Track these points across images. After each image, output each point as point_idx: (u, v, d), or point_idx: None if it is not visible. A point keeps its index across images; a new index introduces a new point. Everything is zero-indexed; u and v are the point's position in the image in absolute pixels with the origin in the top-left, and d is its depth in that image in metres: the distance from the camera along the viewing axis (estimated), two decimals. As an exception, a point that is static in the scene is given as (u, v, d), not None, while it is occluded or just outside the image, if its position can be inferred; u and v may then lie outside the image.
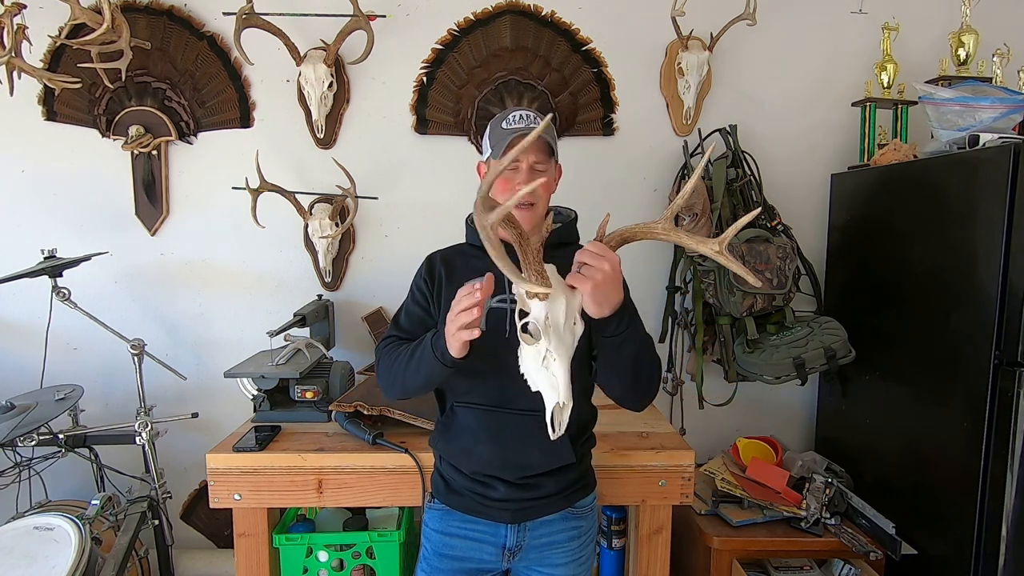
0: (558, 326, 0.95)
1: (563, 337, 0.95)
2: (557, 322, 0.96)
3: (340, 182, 2.09)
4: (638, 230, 1.00)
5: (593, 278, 0.96)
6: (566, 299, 0.97)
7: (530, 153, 1.17)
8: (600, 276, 0.96)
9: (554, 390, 0.96)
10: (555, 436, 0.96)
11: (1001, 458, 1.48)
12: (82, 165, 2.10)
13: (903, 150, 1.90)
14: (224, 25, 2.04)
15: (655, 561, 1.65)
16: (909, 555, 1.65)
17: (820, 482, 1.85)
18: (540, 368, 0.96)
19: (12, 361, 2.12)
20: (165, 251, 2.15)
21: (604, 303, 0.99)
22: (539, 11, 2.11)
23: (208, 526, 2.26)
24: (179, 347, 2.17)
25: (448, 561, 1.25)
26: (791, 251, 1.96)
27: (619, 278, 0.99)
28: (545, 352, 0.95)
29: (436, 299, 1.24)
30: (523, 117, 1.19)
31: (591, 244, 0.99)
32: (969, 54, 1.95)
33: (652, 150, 2.19)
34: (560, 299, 0.96)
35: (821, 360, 1.90)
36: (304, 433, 1.71)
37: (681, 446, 1.63)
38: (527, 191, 0.89)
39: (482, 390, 1.19)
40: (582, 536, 1.28)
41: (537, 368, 0.97)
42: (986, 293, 1.50)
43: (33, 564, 1.44)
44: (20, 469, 1.86)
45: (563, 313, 0.96)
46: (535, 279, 0.94)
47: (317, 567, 1.68)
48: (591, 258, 0.97)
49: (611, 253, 0.97)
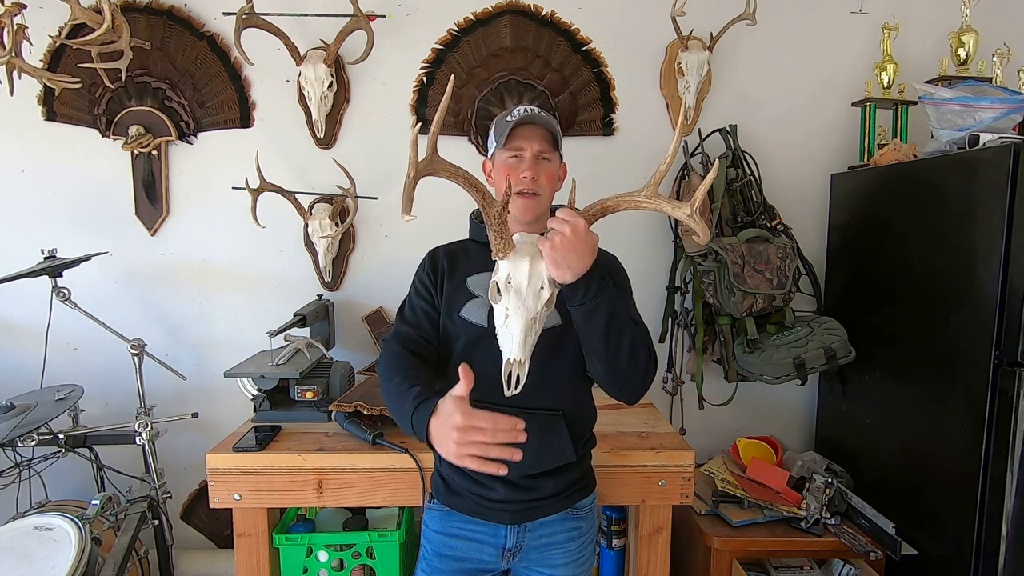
0: (519, 287, 0.99)
1: (524, 298, 0.99)
2: (519, 283, 1.00)
3: (340, 182, 2.09)
4: (621, 200, 1.02)
5: (551, 240, 0.98)
6: (530, 262, 1.00)
7: (534, 142, 1.18)
8: (558, 238, 0.97)
9: (508, 346, 0.99)
10: (509, 393, 0.98)
11: (1001, 458, 1.48)
12: (82, 165, 2.10)
13: (903, 150, 1.90)
14: (224, 25, 2.04)
15: (655, 561, 1.65)
16: (909, 555, 1.65)
17: (820, 482, 1.85)
18: (502, 325, 1.00)
19: (12, 361, 2.12)
20: (165, 251, 2.16)
21: (564, 266, 0.99)
22: (539, 11, 2.11)
23: (208, 526, 2.26)
24: (179, 347, 2.17)
25: (448, 561, 1.25)
26: (791, 251, 1.96)
27: (583, 243, 0.99)
28: (505, 310, 0.99)
29: (439, 292, 1.24)
30: (527, 109, 1.21)
31: (562, 210, 1.00)
32: (969, 54, 1.95)
33: (652, 150, 2.19)
34: (524, 261, 1.00)
35: (821, 360, 1.90)
36: (304, 433, 1.71)
37: (681, 446, 1.63)
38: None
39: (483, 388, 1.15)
40: (582, 536, 1.28)
41: (500, 324, 1.01)
42: (986, 293, 1.50)
43: (33, 564, 1.44)
44: (20, 469, 1.86)
45: (525, 275, 0.99)
46: (495, 239, 0.99)
47: (317, 567, 1.68)
48: (556, 222, 0.98)
49: (577, 218, 0.98)
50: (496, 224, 0.99)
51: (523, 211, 1.19)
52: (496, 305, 1.02)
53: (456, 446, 0.93)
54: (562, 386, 1.19)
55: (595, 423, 1.30)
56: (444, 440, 0.95)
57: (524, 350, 0.98)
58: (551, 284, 1.01)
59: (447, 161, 0.98)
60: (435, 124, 0.94)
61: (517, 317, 0.98)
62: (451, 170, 0.98)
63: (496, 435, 0.92)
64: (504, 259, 1.01)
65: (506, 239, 1.00)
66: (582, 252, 0.99)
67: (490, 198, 1.00)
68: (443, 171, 0.97)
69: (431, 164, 0.96)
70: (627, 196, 1.01)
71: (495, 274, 1.02)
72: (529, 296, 0.99)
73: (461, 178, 0.98)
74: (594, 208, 1.03)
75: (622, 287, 1.24)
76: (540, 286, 1.01)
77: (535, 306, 1.00)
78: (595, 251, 1.02)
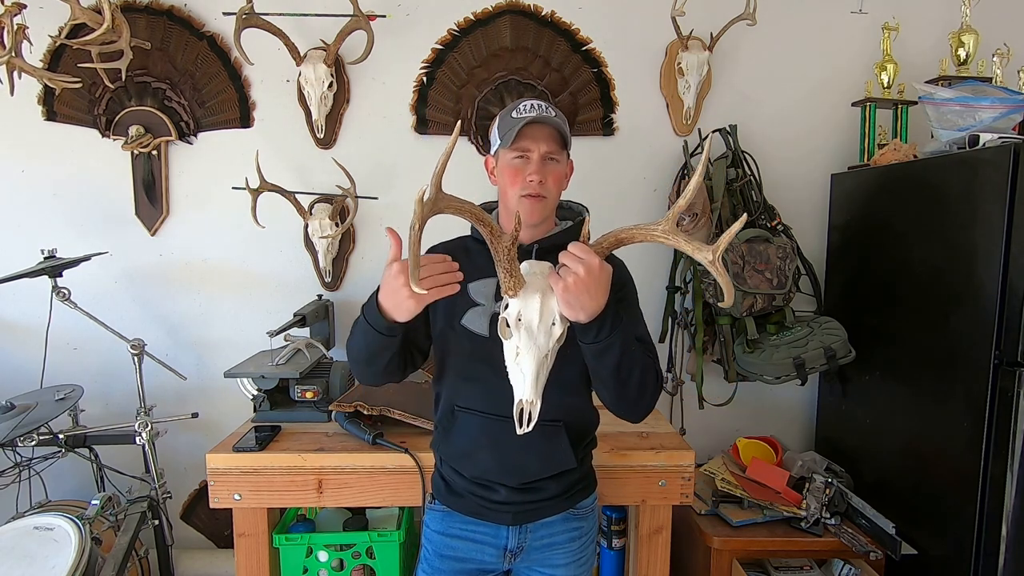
0: (531, 324, 0.95)
1: (535, 336, 0.95)
2: (530, 320, 0.95)
3: (340, 182, 2.09)
4: (636, 232, 0.96)
5: (565, 280, 0.93)
6: (542, 298, 0.95)
7: (542, 143, 1.13)
8: (572, 279, 0.93)
9: (520, 387, 0.95)
10: (521, 431, 0.95)
11: (1001, 458, 1.48)
12: (82, 165, 2.10)
13: (903, 150, 1.90)
14: (224, 25, 2.04)
15: (655, 561, 1.66)
16: (909, 555, 1.65)
17: (820, 482, 1.85)
18: (513, 363, 0.97)
19: (12, 361, 2.12)
20: (165, 251, 2.15)
21: (577, 308, 0.95)
22: (539, 11, 2.11)
23: (208, 526, 2.26)
24: (179, 347, 2.17)
25: (449, 562, 1.25)
26: (791, 251, 1.96)
27: (597, 284, 0.94)
28: (516, 348, 0.96)
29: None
30: (535, 107, 1.15)
31: (574, 245, 0.95)
32: (969, 54, 1.95)
33: (652, 150, 2.19)
34: (535, 298, 0.95)
35: (821, 360, 1.90)
36: (304, 433, 1.71)
37: (681, 446, 1.63)
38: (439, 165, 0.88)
39: (484, 397, 1.16)
40: (583, 537, 1.27)
41: (511, 362, 0.97)
42: (986, 293, 1.50)
43: (33, 564, 1.44)
44: (20, 469, 1.86)
45: (537, 312, 0.95)
46: (505, 277, 0.94)
47: (317, 567, 1.68)
48: (569, 259, 0.94)
49: (592, 256, 0.93)
50: (505, 260, 0.93)
51: (529, 214, 1.15)
52: (506, 341, 0.97)
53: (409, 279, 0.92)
54: (562, 397, 1.14)
55: (597, 427, 1.29)
56: (392, 292, 0.98)
57: (536, 390, 0.94)
58: (563, 320, 0.97)
59: (453, 196, 0.91)
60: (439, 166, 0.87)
61: (529, 356, 0.94)
62: (457, 206, 0.91)
63: (436, 267, 0.96)
64: (514, 297, 0.96)
65: (515, 276, 0.94)
66: (596, 293, 0.95)
67: (498, 232, 0.93)
68: (449, 208, 0.91)
69: (436, 204, 0.89)
70: (644, 228, 0.95)
71: (503, 310, 0.98)
72: (540, 334, 0.95)
73: (468, 212, 0.92)
74: (608, 240, 0.97)
75: (629, 300, 1.19)
76: (552, 322, 0.96)
77: (547, 344, 0.96)
78: (608, 289, 0.97)
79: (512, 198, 1.16)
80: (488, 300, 1.17)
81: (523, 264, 1.00)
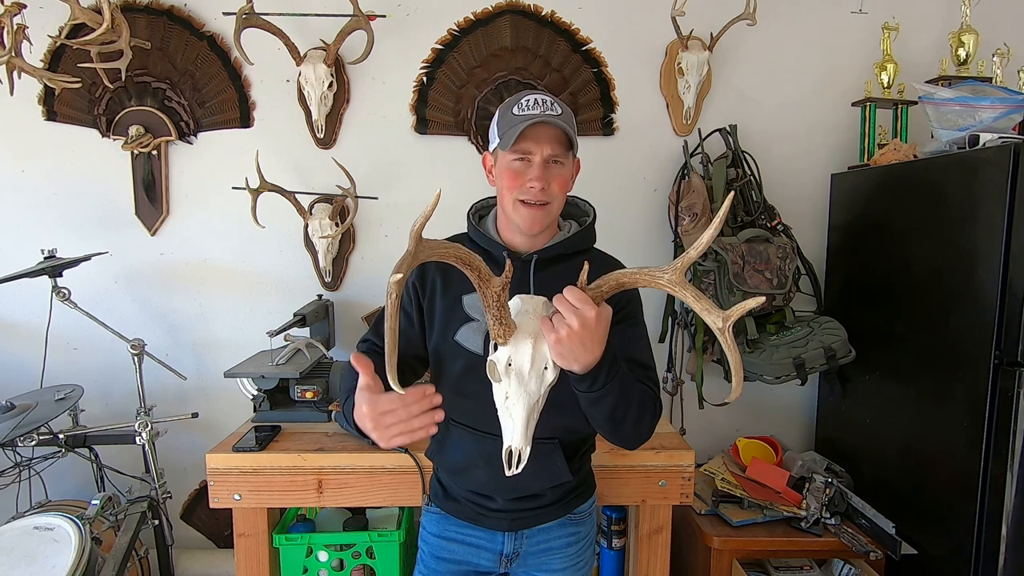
0: (521, 371, 0.88)
1: (526, 383, 0.88)
2: (521, 367, 0.88)
3: (340, 182, 2.08)
4: (640, 277, 0.87)
5: (558, 331, 0.85)
6: (534, 343, 0.88)
7: (545, 145, 1.04)
8: (565, 332, 0.85)
9: (509, 434, 0.90)
10: (510, 473, 0.89)
11: (1001, 458, 1.48)
12: (82, 165, 2.10)
13: (903, 150, 1.90)
14: (224, 25, 2.04)
15: (655, 561, 1.66)
16: (909, 555, 1.65)
17: (820, 482, 1.85)
18: (502, 406, 0.90)
19: (12, 361, 2.12)
20: (165, 251, 2.15)
21: (570, 360, 0.88)
22: (539, 11, 2.11)
23: (208, 526, 2.26)
24: (179, 347, 2.17)
25: (445, 564, 1.24)
26: (791, 251, 1.96)
27: (593, 336, 0.86)
28: (506, 393, 0.89)
29: (428, 308, 1.14)
30: (538, 103, 1.05)
31: (570, 291, 0.86)
32: (969, 54, 1.95)
33: (652, 150, 2.19)
34: (526, 343, 0.88)
35: (821, 360, 1.90)
36: (304, 433, 1.71)
37: (681, 446, 1.63)
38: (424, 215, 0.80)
39: (478, 414, 1.10)
40: (580, 541, 1.26)
41: (500, 405, 0.91)
42: (986, 293, 1.50)
43: (33, 564, 1.44)
44: (20, 469, 1.86)
45: (528, 359, 0.88)
46: (494, 324, 0.87)
47: (317, 567, 1.68)
48: (564, 307, 0.85)
49: (588, 305, 0.85)
50: (495, 307, 0.86)
51: (529, 224, 1.08)
52: (496, 384, 0.90)
53: (378, 434, 0.91)
54: (557, 417, 1.05)
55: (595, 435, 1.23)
56: (370, 432, 0.93)
57: (526, 437, 0.88)
58: (555, 365, 0.90)
59: (433, 242, 0.83)
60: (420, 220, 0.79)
61: (519, 403, 0.88)
62: (440, 252, 0.84)
63: (409, 411, 0.90)
64: (504, 344, 0.89)
65: (506, 324, 0.87)
66: (591, 345, 0.87)
67: (487, 276, 0.85)
68: (432, 255, 0.83)
69: (415, 258, 0.81)
70: (649, 274, 0.87)
71: (492, 351, 0.90)
72: (532, 380, 0.89)
73: (452, 257, 0.84)
74: (608, 284, 0.88)
75: (635, 317, 1.13)
76: (544, 367, 0.89)
77: (538, 390, 0.89)
78: (605, 339, 0.89)
79: (509, 203, 1.09)
80: (483, 315, 1.09)
81: (514, 299, 0.92)
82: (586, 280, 0.88)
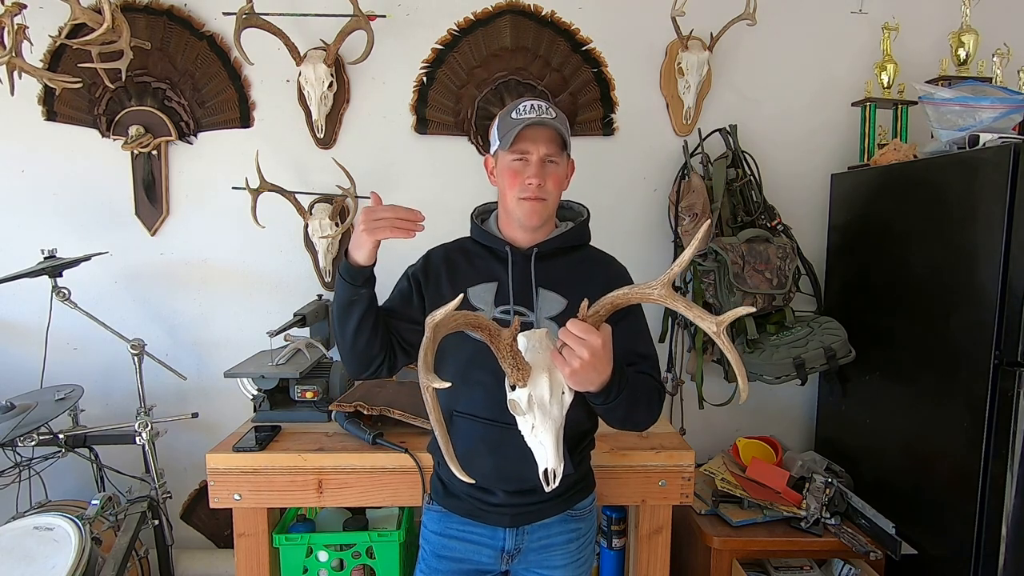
0: (543, 402, 0.94)
1: (549, 411, 0.95)
2: (542, 399, 0.94)
3: (340, 182, 2.08)
4: (632, 295, 0.93)
5: (571, 364, 0.92)
6: (549, 377, 0.95)
7: (541, 145, 1.14)
8: (578, 363, 0.92)
9: (543, 458, 0.96)
10: (549, 489, 0.96)
11: (1001, 458, 1.48)
12: (82, 165, 2.10)
13: (903, 150, 1.90)
14: (224, 25, 2.04)
15: (655, 561, 1.66)
16: (909, 555, 1.65)
17: (820, 482, 1.85)
18: (530, 435, 0.97)
19: (12, 361, 2.12)
20: (165, 251, 2.15)
21: (586, 384, 0.96)
22: (539, 11, 2.11)
23: (208, 526, 2.26)
24: (179, 347, 2.17)
25: (446, 562, 1.25)
26: (791, 251, 1.96)
27: (603, 359, 0.94)
28: (532, 424, 0.95)
29: (433, 297, 1.20)
30: (534, 108, 1.14)
31: (572, 323, 0.92)
32: (969, 54, 1.95)
33: (652, 150, 2.19)
34: (542, 377, 0.94)
35: (821, 360, 1.90)
36: (304, 433, 1.71)
37: (681, 446, 1.63)
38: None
39: (482, 403, 1.15)
40: (580, 538, 1.27)
41: (528, 435, 0.97)
42: (986, 293, 1.50)
43: (33, 564, 1.44)
44: (20, 469, 1.86)
45: (547, 389, 0.94)
46: (512, 372, 0.94)
47: (317, 567, 1.68)
48: (572, 340, 0.92)
49: (593, 335, 0.91)
50: (508, 356, 0.93)
51: (529, 216, 1.17)
52: (521, 418, 0.97)
53: (365, 226, 1.04)
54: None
55: (596, 430, 1.28)
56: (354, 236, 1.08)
57: (559, 456, 0.95)
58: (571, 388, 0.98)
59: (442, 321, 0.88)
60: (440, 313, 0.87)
61: (546, 430, 0.95)
62: (451, 326, 0.90)
63: (397, 212, 1.04)
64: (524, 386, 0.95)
65: (521, 367, 0.94)
66: (603, 368, 0.95)
67: (496, 332, 0.92)
68: (445, 331, 0.90)
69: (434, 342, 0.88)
70: (640, 291, 0.92)
71: (511, 391, 0.96)
72: (554, 407, 0.95)
73: (462, 324, 0.91)
74: (604, 308, 0.94)
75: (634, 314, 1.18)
76: (561, 392, 0.97)
77: (560, 414, 0.96)
78: (612, 357, 0.96)
79: (511, 200, 1.17)
80: (488, 306, 1.18)
81: (519, 338, 0.97)
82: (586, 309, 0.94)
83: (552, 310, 1.17)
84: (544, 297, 1.18)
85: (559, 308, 1.17)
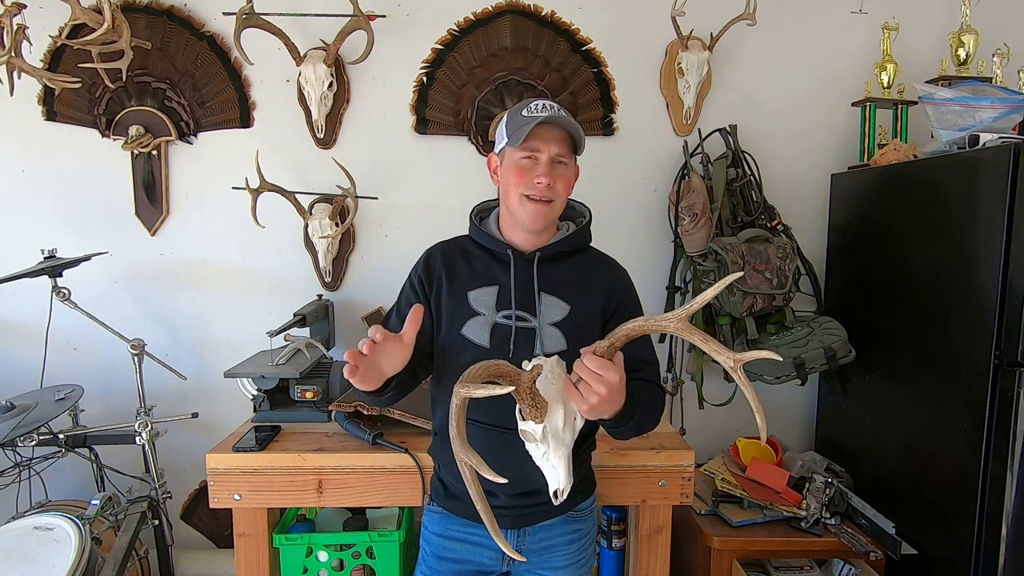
0: (557, 431, 0.95)
1: (562, 438, 0.96)
2: (556, 427, 0.95)
3: (340, 182, 2.08)
4: (648, 325, 0.91)
5: (589, 400, 0.93)
6: (564, 409, 0.96)
7: (552, 144, 1.11)
8: (595, 400, 0.92)
9: (554, 480, 0.96)
10: (557, 503, 0.97)
11: (1001, 458, 1.48)
12: (82, 165, 2.10)
13: (903, 150, 1.90)
14: (224, 25, 2.04)
15: (655, 561, 1.66)
16: (909, 555, 1.65)
17: (820, 482, 1.85)
18: (542, 460, 0.97)
19: (12, 361, 2.12)
20: (165, 251, 2.15)
21: (601, 415, 0.97)
22: (539, 11, 2.11)
23: (208, 526, 2.26)
24: (179, 347, 2.17)
25: (447, 563, 1.25)
26: (791, 251, 1.96)
27: (619, 392, 0.94)
28: (544, 452, 0.96)
29: (436, 301, 1.19)
30: (547, 107, 1.12)
31: (589, 359, 0.92)
32: (969, 54, 1.95)
33: (652, 150, 2.19)
34: (557, 409, 0.95)
35: (821, 360, 1.90)
36: (304, 433, 1.71)
37: (681, 446, 1.63)
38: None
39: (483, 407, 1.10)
40: (582, 539, 1.27)
41: (539, 459, 0.98)
42: (986, 293, 1.50)
43: (33, 564, 1.44)
44: (20, 469, 1.86)
45: (561, 419, 0.96)
46: (529, 410, 0.94)
47: (317, 567, 1.68)
48: (590, 376, 0.91)
49: (611, 371, 0.91)
50: (528, 398, 0.92)
51: (534, 219, 1.14)
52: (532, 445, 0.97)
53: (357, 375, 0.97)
54: None
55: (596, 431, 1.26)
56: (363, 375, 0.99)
57: (569, 477, 0.96)
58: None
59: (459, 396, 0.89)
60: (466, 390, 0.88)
61: (559, 456, 0.96)
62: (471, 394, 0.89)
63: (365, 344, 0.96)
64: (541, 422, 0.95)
65: (540, 406, 0.94)
66: (618, 400, 0.96)
67: (516, 375, 0.91)
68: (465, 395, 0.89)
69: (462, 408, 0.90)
70: (656, 321, 0.91)
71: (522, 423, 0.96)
72: (567, 433, 0.97)
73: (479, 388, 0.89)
74: (618, 339, 0.93)
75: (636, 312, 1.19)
76: (574, 419, 0.98)
77: (572, 439, 0.98)
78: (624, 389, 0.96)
79: (514, 198, 1.14)
80: (489, 310, 1.16)
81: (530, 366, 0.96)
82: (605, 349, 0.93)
83: (555, 316, 1.16)
84: (546, 302, 1.16)
85: (562, 314, 1.16)
